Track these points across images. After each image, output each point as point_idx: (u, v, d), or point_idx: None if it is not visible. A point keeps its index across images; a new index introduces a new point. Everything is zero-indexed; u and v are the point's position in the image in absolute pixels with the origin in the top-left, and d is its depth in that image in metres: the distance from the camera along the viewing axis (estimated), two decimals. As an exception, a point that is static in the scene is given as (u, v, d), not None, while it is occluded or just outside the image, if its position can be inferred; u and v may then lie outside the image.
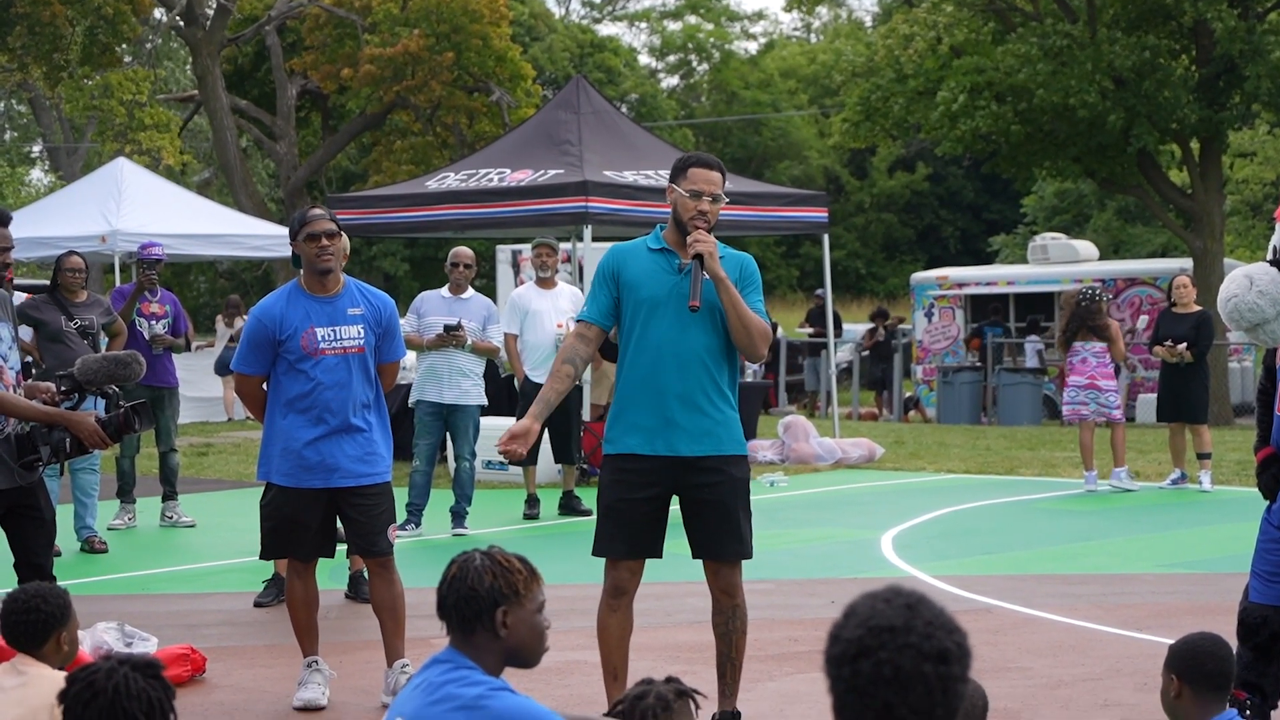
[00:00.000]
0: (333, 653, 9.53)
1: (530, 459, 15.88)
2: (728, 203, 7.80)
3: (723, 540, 7.45)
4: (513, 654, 4.82)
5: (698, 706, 5.38)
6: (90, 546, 13.89)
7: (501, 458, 16.96)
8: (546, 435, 15.96)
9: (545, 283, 15.95)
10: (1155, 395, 18.42)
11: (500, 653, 4.78)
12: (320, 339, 8.45)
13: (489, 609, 4.72)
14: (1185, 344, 17.51)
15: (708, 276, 7.30)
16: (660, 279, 7.43)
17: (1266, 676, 6.96)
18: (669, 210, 7.54)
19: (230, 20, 39.23)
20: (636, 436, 7.40)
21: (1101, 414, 17.82)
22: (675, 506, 7.52)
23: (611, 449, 7.50)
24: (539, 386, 15.45)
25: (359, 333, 8.52)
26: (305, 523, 8.54)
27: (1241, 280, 6.85)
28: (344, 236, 8.65)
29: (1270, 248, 6.97)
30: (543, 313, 15.73)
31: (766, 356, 7.74)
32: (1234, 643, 6.65)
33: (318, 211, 8.53)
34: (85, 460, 13.86)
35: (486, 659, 4.77)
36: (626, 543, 7.46)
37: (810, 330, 35.63)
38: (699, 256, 7.28)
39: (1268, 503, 7.05)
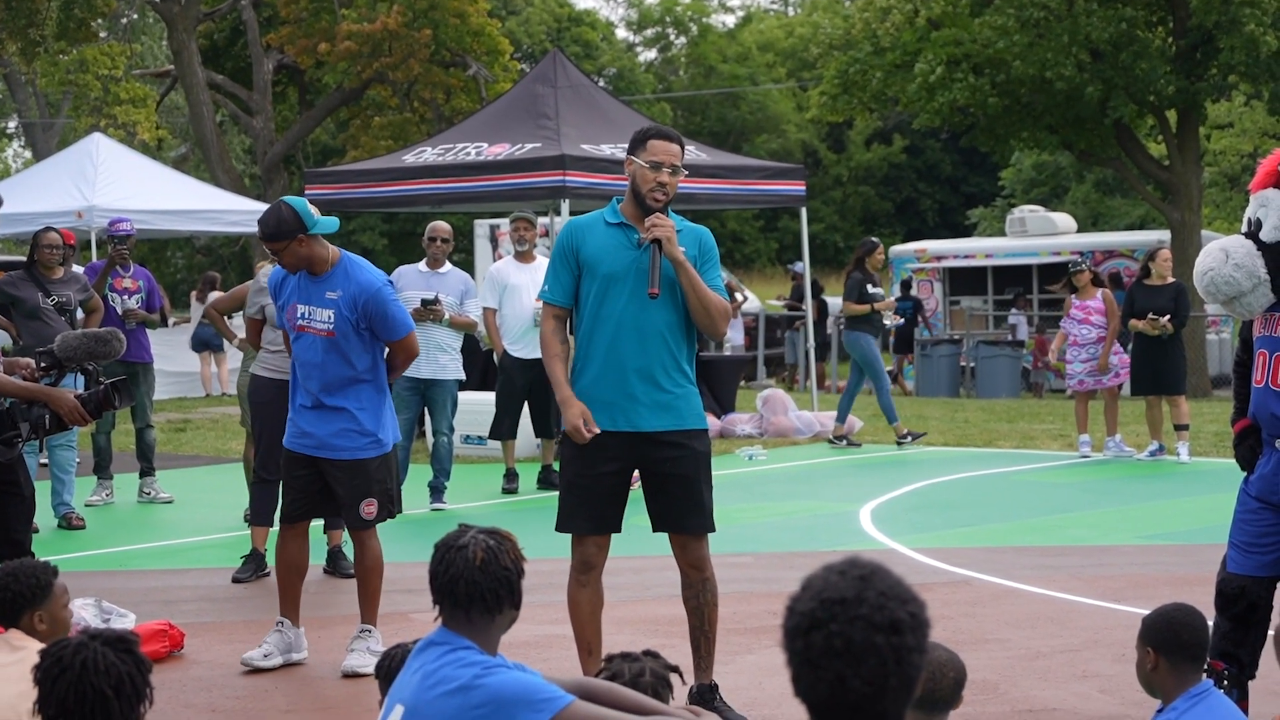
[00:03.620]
0: (311, 627, 9.53)
1: (509, 433, 15.87)
2: (687, 175, 7.77)
3: (687, 513, 7.46)
4: (512, 622, 4.84)
5: (684, 682, 5.39)
6: (68, 523, 13.85)
7: (481, 435, 17.03)
8: (526, 409, 15.95)
9: (524, 256, 15.92)
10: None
11: (507, 625, 4.80)
12: (300, 315, 8.57)
13: (518, 584, 4.75)
14: (1167, 315, 17.54)
15: (665, 259, 7.29)
16: (619, 254, 7.41)
17: (1244, 646, 6.98)
18: (628, 183, 7.50)
19: (206, -6, 39.09)
20: (598, 412, 7.38)
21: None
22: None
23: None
24: (518, 361, 15.57)
25: (329, 317, 8.54)
26: (294, 483, 8.78)
27: (1217, 254, 6.87)
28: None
29: (1245, 220, 6.98)
30: (521, 287, 15.68)
31: (726, 333, 7.73)
32: (1211, 613, 6.67)
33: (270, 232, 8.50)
34: (63, 437, 13.82)
35: (493, 636, 4.76)
36: (590, 518, 7.47)
37: (786, 302, 35.61)
38: (657, 241, 7.27)
39: (1245, 474, 7.07)
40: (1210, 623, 6.14)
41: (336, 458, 8.65)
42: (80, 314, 13.91)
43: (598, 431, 7.34)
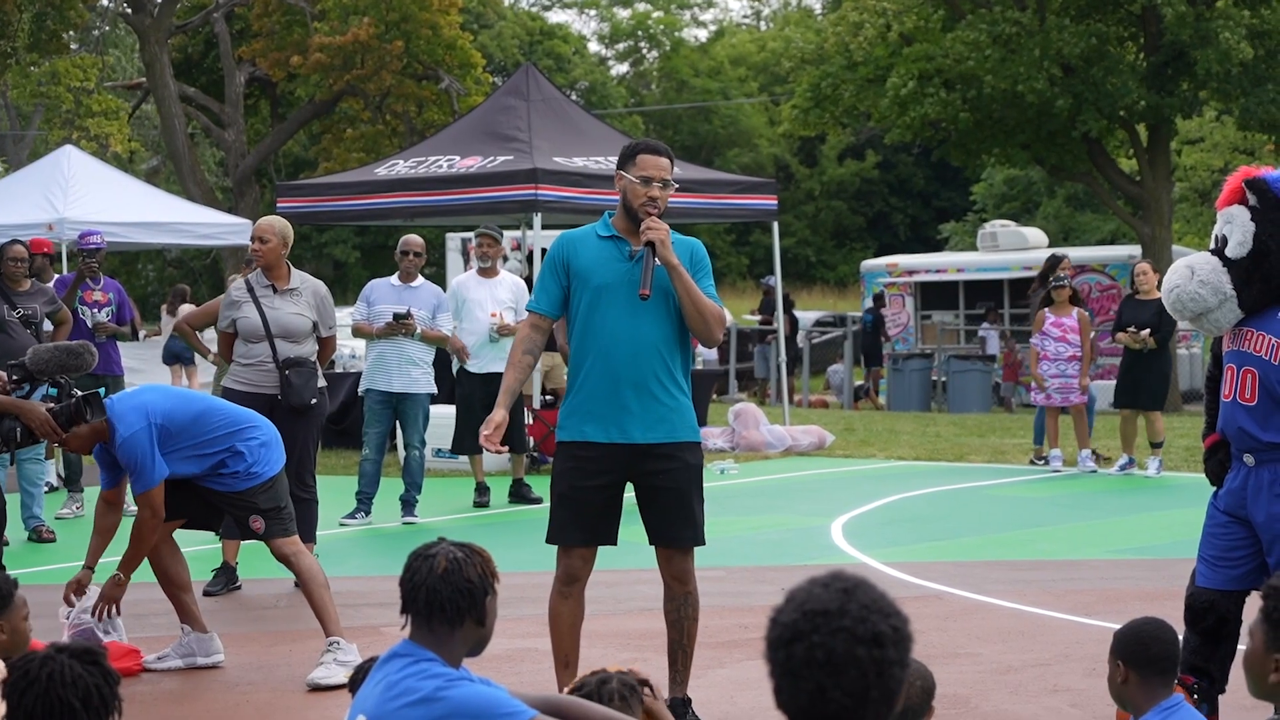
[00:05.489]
0: (282, 641, 9.52)
1: (473, 447, 15.83)
2: (677, 189, 7.79)
3: (678, 527, 7.46)
4: (482, 642, 4.82)
5: (657, 696, 5.37)
6: (38, 536, 13.81)
7: (449, 448, 17.00)
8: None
9: (487, 272, 15.89)
10: (1114, 382, 18.48)
11: (474, 642, 4.79)
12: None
13: (481, 599, 4.73)
14: (1149, 330, 17.58)
15: (659, 264, 7.30)
16: (611, 266, 7.42)
17: (1213, 661, 7.00)
18: (619, 197, 7.53)
19: (178, 7, 39.04)
20: (590, 424, 7.39)
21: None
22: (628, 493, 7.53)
23: (565, 436, 7.48)
24: (474, 375, 15.54)
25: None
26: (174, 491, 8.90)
27: (1183, 271, 6.91)
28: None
29: (1213, 237, 7.02)
30: (479, 302, 15.66)
31: (721, 340, 7.75)
32: (1181, 627, 6.69)
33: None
34: (31, 450, 13.77)
35: (456, 649, 4.75)
36: (580, 530, 7.46)
37: (759, 317, 35.66)
38: (651, 244, 7.28)
39: (1214, 488, 7.10)
40: (1180, 637, 6.16)
41: (219, 490, 8.81)
42: (47, 326, 13.85)
43: (500, 451, 7.54)
